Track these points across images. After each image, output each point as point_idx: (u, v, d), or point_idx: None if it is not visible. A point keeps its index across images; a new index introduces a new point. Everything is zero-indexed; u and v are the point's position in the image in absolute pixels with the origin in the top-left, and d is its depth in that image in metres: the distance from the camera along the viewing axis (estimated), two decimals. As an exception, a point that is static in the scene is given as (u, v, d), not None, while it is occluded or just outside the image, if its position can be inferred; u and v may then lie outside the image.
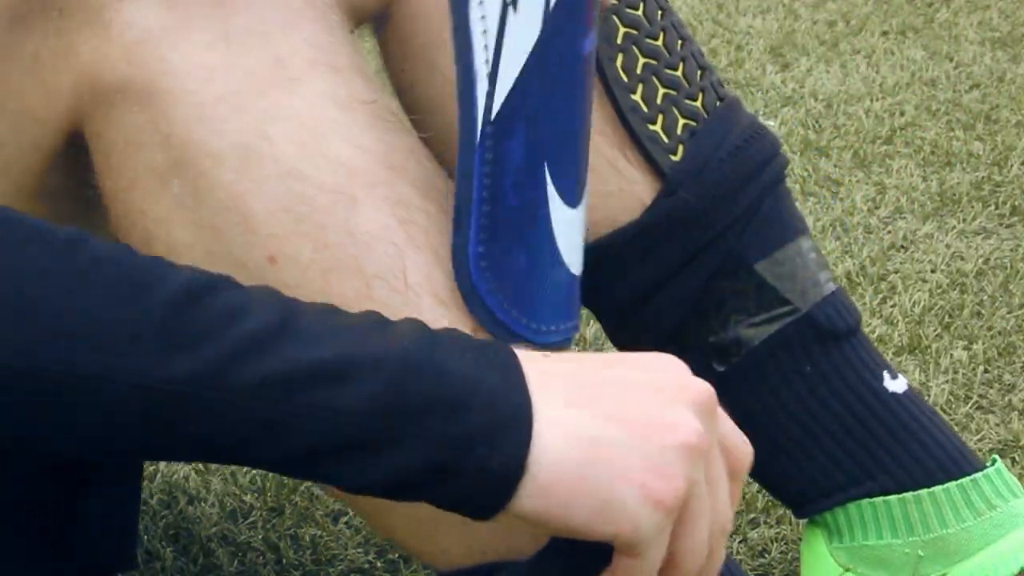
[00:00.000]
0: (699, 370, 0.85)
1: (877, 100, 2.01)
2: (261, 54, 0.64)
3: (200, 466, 1.13)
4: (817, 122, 1.92)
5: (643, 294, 0.86)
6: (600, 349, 1.32)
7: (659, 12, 0.86)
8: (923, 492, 0.85)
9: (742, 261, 0.85)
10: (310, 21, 0.66)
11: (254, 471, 1.12)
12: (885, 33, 2.36)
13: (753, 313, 0.85)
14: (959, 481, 0.85)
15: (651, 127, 0.84)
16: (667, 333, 0.86)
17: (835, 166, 1.77)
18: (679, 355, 0.85)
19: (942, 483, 0.85)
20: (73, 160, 0.68)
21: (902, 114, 1.95)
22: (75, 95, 0.65)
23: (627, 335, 0.88)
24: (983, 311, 1.39)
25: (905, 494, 0.85)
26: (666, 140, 0.84)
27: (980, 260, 1.50)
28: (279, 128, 0.63)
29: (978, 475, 0.85)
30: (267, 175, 0.63)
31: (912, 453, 0.86)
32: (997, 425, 1.20)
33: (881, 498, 0.85)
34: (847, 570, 0.86)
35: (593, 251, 0.83)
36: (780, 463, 0.87)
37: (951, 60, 2.20)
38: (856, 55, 2.23)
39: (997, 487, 0.86)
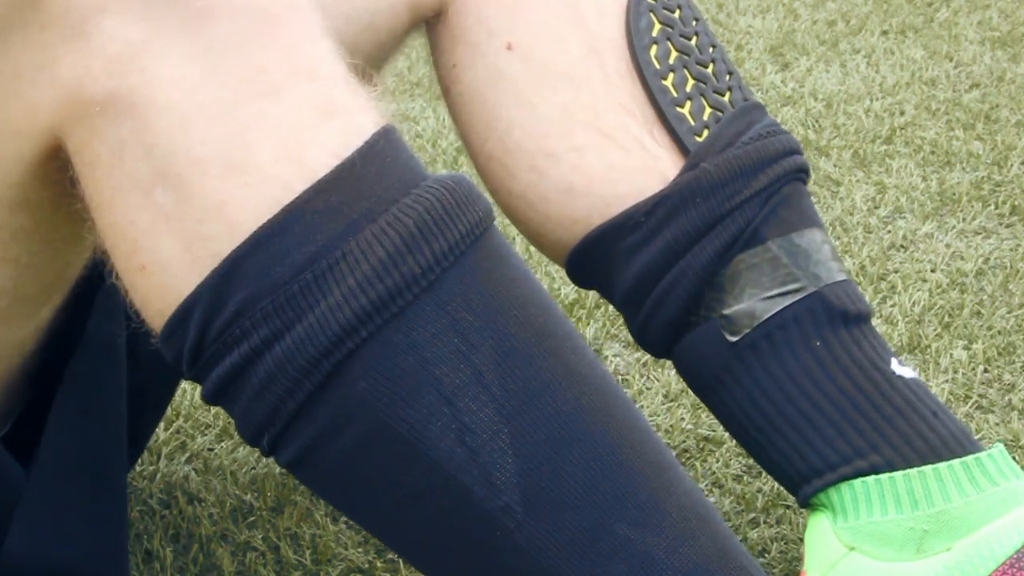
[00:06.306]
0: (711, 340, 0.88)
1: (877, 100, 2.01)
2: (240, 64, 0.65)
3: (200, 466, 1.13)
4: (817, 122, 1.92)
5: (663, 264, 0.88)
6: (599, 350, 1.32)
7: (694, 20, 0.91)
8: (927, 468, 0.86)
9: (758, 235, 0.88)
10: (289, 29, 0.66)
11: (254, 471, 1.12)
12: (885, 33, 2.36)
13: (767, 288, 0.88)
14: (963, 459, 0.86)
15: (679, 109, 0.88)
16: (684, 305, 0.88)
17: (835, 166, 1.77)
18: (694, 327, 0.88)
19: (946, 459, 0.86)
20: (56, 171, 0.68)
21: (902, 114, 1.95)
22: (56, 110, 0.65)
23: (643, 311, 0.89)
24: (983, 311, 1.39)
25: (909, 470, 0.86)
26: (692, 123, 0.88)
27: (980, 260, 1.50)
28: (257, 136, 0.64)
29: (981, 454, 0.86)
30: (248, 182, 0.64)
31: (917, 430, 0.87)
32: (997, 425, 1.20)
33: (887, 475, 0.86)
34: (852, 548, 0.86)
35: (617, 221, 0.88)
36: (787, 436, 0.88)
37: (951, 60, 2.20)
38: (856, 55, 2.23)
39: (1000, 467, 0.86)
